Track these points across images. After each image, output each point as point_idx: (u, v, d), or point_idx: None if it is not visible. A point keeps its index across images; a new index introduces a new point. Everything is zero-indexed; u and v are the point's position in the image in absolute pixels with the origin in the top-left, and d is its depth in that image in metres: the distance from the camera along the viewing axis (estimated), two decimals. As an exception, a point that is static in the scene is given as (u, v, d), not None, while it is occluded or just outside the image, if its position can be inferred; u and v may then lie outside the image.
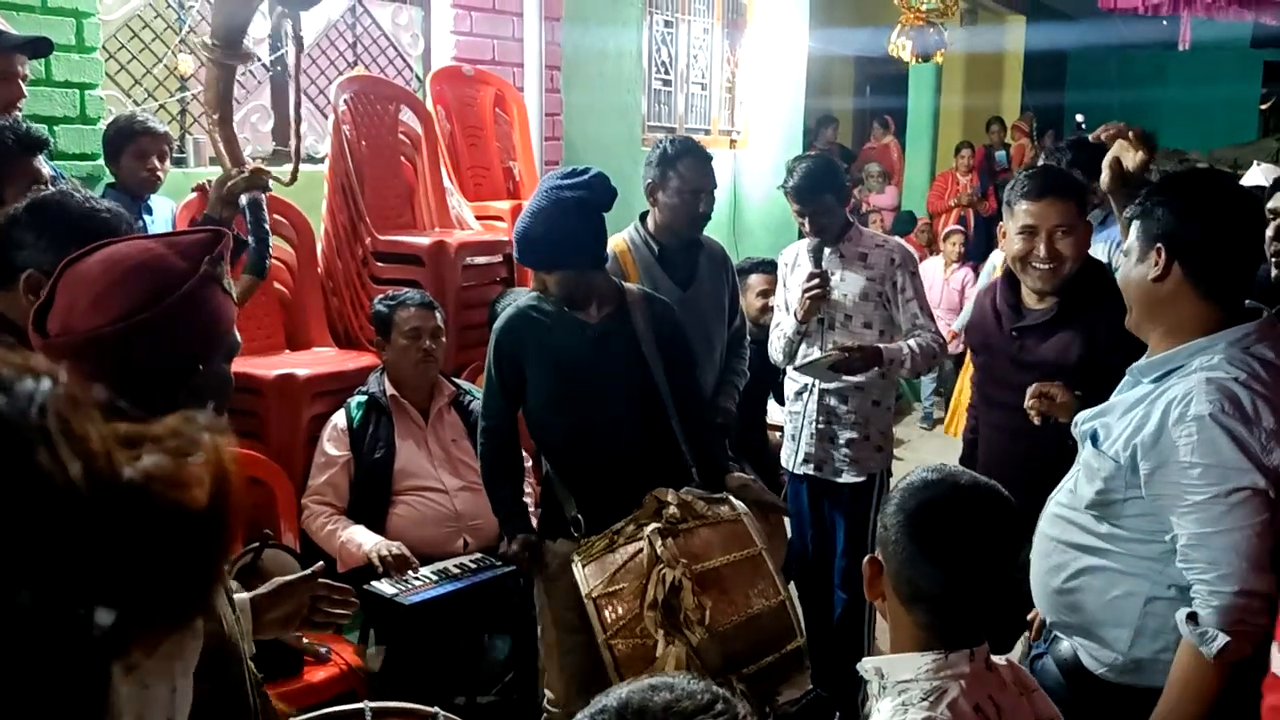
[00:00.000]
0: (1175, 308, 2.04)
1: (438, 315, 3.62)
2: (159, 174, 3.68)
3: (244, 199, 2.93)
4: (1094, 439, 2.11)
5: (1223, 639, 1.86)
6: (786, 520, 3.67)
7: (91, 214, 1.82)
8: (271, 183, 3.05)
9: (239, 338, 1.49)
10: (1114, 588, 2.09)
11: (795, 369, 3.65)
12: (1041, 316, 2.81)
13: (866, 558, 1.64)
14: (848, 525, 3.68)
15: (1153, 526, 2.02)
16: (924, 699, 1.51)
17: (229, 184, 2.87)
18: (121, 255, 1.38)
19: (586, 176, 2.89)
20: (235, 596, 1.59)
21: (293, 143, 2.99)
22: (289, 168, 3.21)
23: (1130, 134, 2.48)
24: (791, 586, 3.12)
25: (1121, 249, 2.19)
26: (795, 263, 3.72)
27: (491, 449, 3.08)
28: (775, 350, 3.69)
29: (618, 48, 5.99)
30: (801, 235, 3.73)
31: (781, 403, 3.97)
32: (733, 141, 7.34)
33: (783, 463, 3.82)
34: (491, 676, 3.81)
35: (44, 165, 2.52)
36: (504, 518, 3.08)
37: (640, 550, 2.66)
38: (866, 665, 1.61)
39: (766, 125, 7.46)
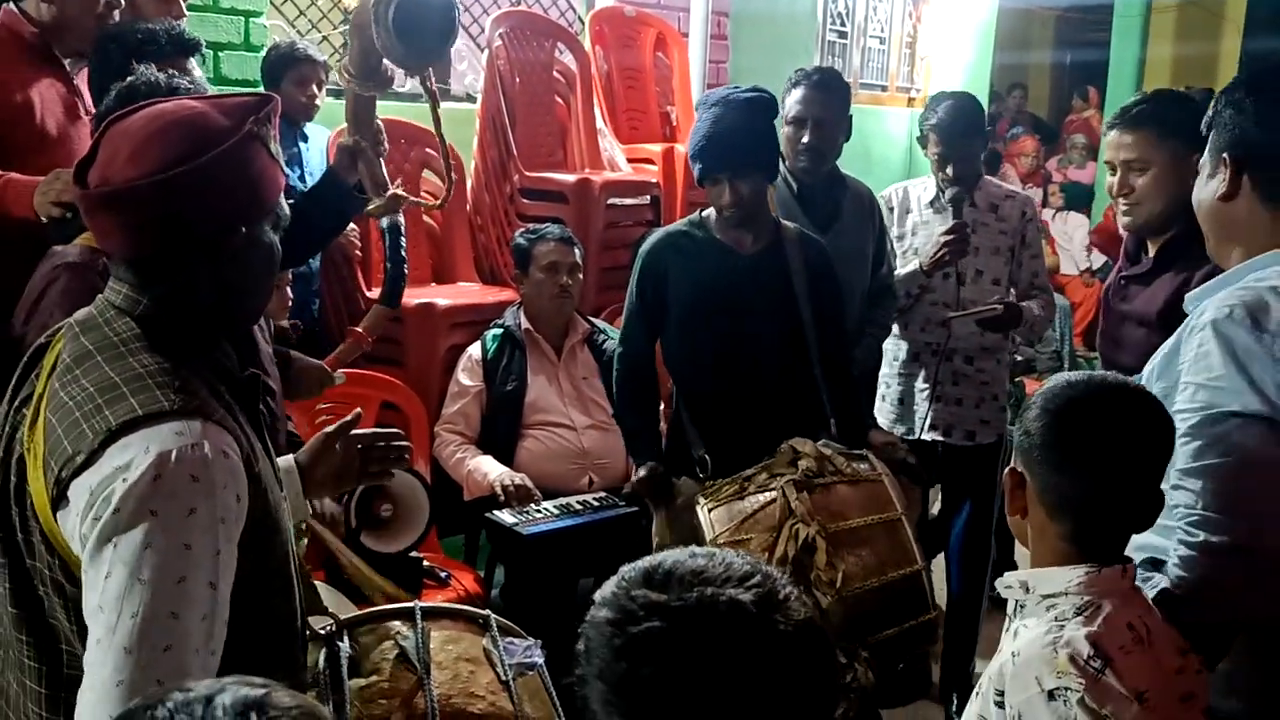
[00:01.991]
0: (1250, 230, 1.72)
1: (576, 251, 3.59)
2: (316, 101, 3.78)
3: (384, 222, 2.88)
4: None
5: (1161, 582, 1.61)
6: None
7: (175, 89, 1.84)
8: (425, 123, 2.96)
9: (286, 209, 1.45)
10: None
11: (947, 320, 3.41)
12: (1146, 265, 2.56)
13: (1006, 469, 1.57)
14: (975, 489, 3.48)
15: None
16: (1078, 614, 1.43)
17: (369, 207, 2.75)
18: (164, 110, 1.35)
19: (753, 89, 2.81)
20: (279, 460, 1.56)
21: (447, 184, 2.88)
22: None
23: None
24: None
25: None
26: (903, 205, 3.49)
27: (627, 375, 3.00)
28: None
29: (790, 2, 5.81)
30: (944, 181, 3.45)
31: None
32: (911, 100, 7.06)
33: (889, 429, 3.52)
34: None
35: (196, 69, 2.57)
36: (635, 447, 3.01)
37: (772, 501, 2.53)
38: (1009, 579, 1.54)
39: (949, 83, 7.10)
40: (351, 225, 3.71)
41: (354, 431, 1.79)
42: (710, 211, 2.91)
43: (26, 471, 1.32)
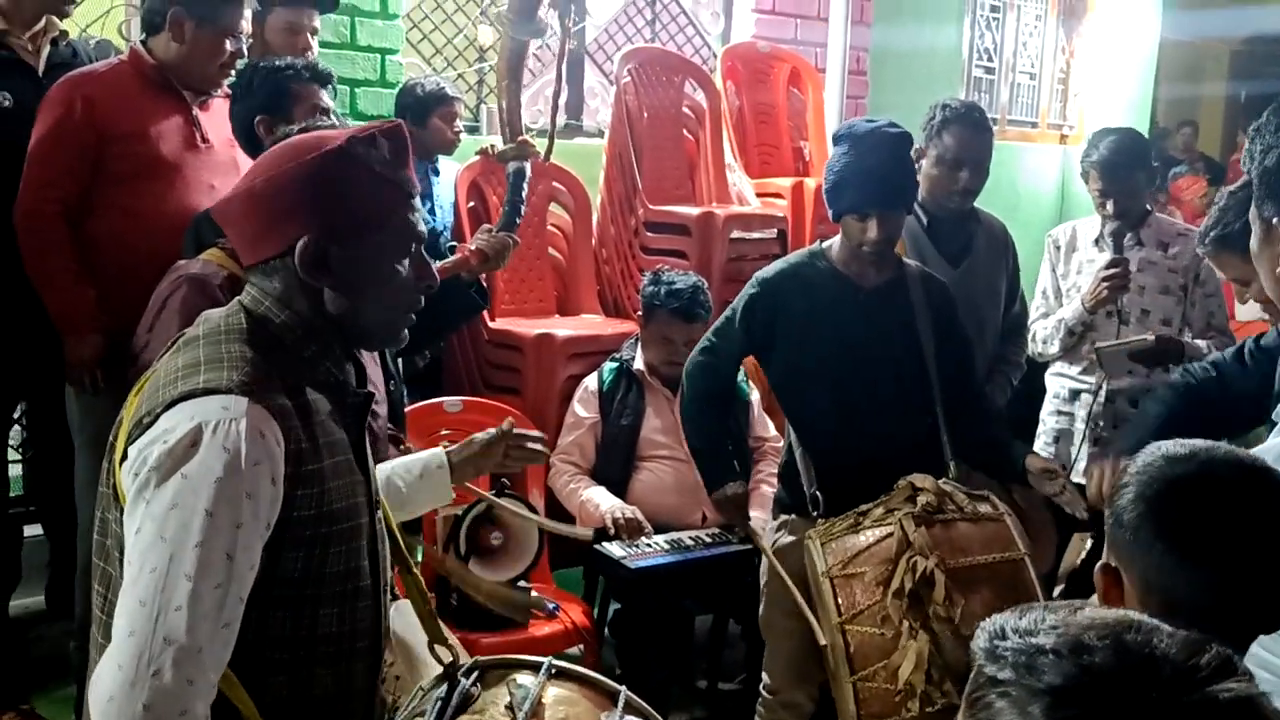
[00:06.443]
0: None
1: (698, 328, 3.39)
2: (461, 136, 3.89)
3: (510, 166, 3.01)
4: None
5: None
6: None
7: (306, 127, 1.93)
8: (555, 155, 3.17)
9: (417, 227, 1.45)
10: None
11: (1096, 349, 3.26)
12: None
13: (1099, 565, 1.33)
14: None
15: None
16: None
17: (499, 150, 3.00)
18: (297, 138, 1.45)
19: (889, 123, 2.74)
20: (428, 453, 1.76)
21: (550, 121, 3.04)
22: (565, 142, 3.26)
23: None
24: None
25: None
26: (1070, 245, 3.38)
27: (707, 386, 2.92)
28: (1041, 342, 3.37)
29: (934, 37, 5.69)
30: (1106, 218, 3.35)
31: None
32: (1063, 137, 6.81)
33: None
34: (735, 663, 3.70)
35: (328, 99, 2.70)
36: (711, 464, 2.95)
37: (888, 535, 2.45)
38: None
39: (1106, 119, 6.82)
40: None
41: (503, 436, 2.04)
42: (832, 243, 2.83)
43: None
